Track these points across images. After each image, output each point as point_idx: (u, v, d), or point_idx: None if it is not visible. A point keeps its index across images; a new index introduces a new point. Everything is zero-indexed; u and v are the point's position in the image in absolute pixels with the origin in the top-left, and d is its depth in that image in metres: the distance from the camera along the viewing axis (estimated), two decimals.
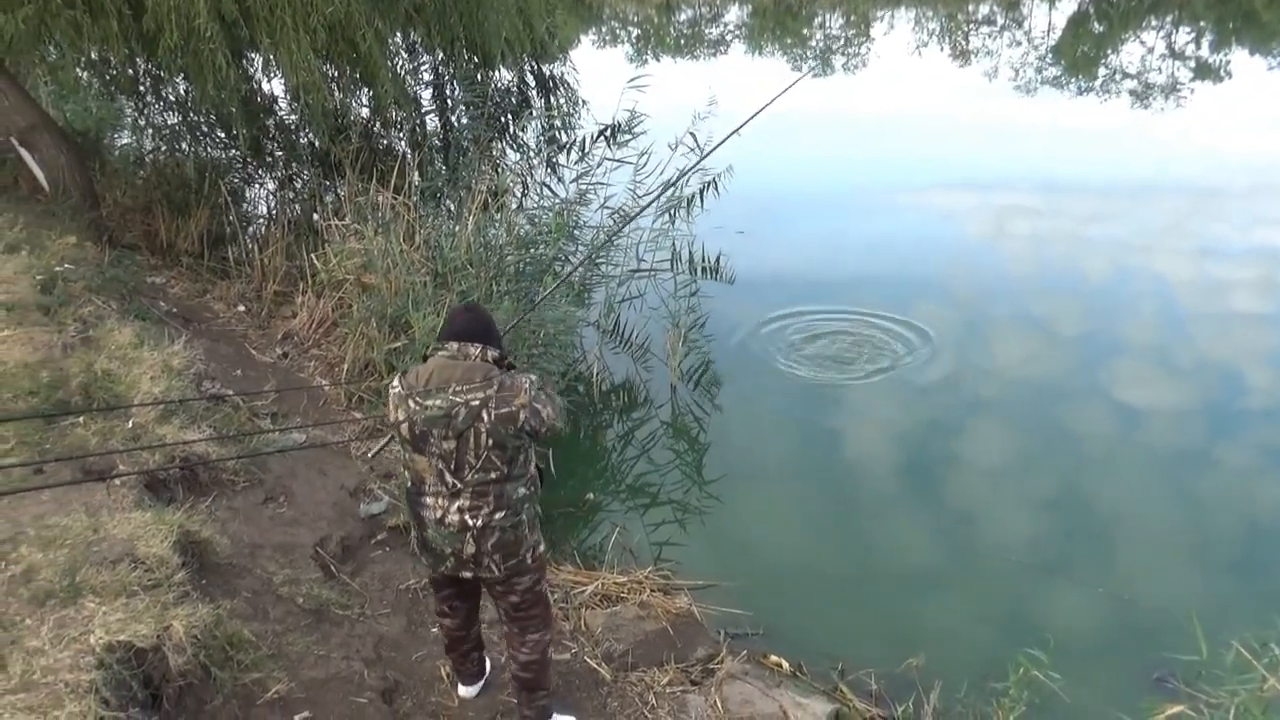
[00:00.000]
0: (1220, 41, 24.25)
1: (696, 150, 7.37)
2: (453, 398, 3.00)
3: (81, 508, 3.84)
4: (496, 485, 3.07)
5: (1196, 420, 6.66)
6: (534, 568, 3.30)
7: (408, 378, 3.11)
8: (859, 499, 6.02)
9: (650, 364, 7.59)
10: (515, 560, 3.19)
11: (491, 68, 8.66)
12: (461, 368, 3.04)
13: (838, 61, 25.89)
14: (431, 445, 3.04)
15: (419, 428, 3.04)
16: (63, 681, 2.80)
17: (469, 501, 3.07)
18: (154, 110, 9.19)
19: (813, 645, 4.60)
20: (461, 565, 3.17)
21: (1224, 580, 5.11)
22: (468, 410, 2.99)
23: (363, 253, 6.74)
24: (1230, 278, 9.10)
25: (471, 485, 3.06)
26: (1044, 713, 3.74)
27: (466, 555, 3.13)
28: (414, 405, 3.03)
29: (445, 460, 3.05)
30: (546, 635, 3.46)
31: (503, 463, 3.06)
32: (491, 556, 3.14)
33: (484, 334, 3.13)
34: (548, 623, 3.48)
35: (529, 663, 3.43)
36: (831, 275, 9.33)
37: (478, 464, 3.04)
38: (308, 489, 5.11)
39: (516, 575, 3.25)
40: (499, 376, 3.05)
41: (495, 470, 3.05)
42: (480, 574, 3.20)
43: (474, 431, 3.00)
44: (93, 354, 5.17)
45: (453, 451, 3.03)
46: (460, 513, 3.08)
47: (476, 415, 2.99)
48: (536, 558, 3.29)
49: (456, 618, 3.55)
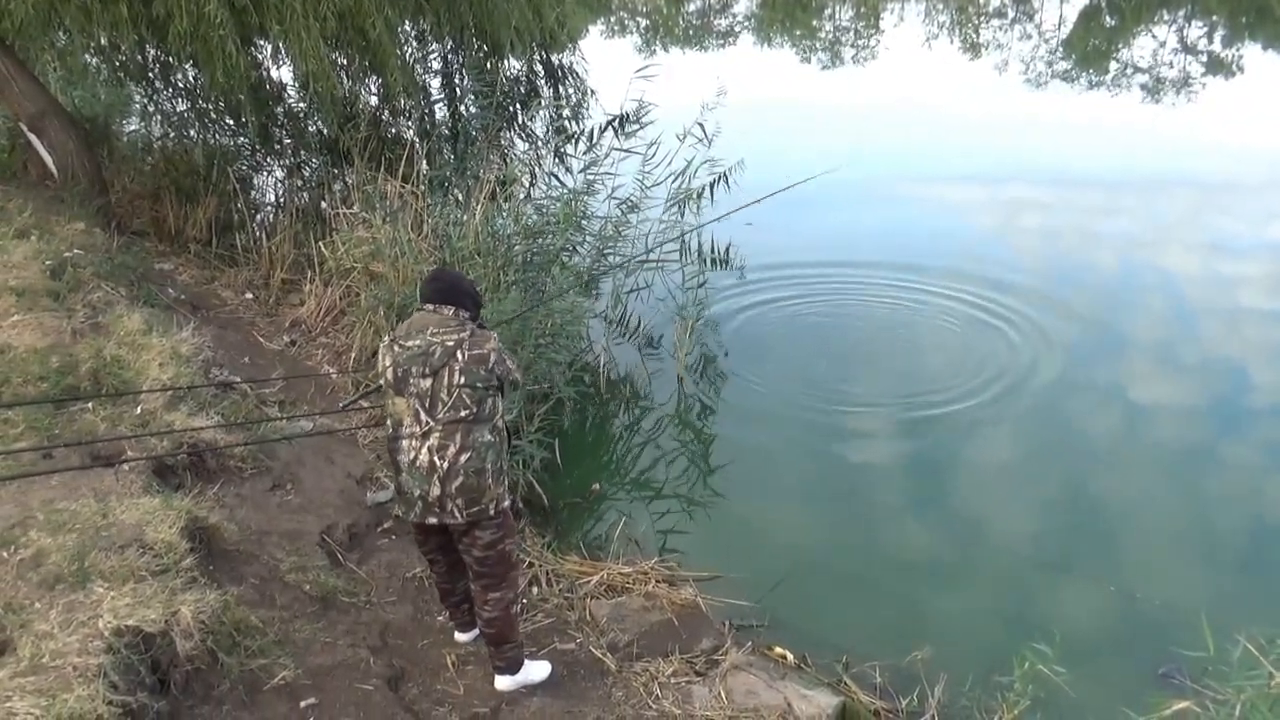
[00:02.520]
0: (1233, 35, 24.07)
1: (704, 141, 7.36)
2: (430, 338, 3.37)
3: (90, 493, 3.86)
4: (464, 425, 3.32)
5: (1204, 416, 6.63)
6: (497, 522, 3.47)
7: (394, 331, 3.52)
8: (865, 492, 6.01)
9: (658, 355, 7.59)
10: (477, 508, 3.37)
11: (501, 57, 8.63)
12: (438, 317, 3.43)
13: (847, 54, 25.77)
14: (411, 385, 3.34)
15: (401, 369, 3.36)
16: (71, 665, 2.82)
17: (438, 440, 3.31)
18: (163, 97, 9.19)
19: (818, 637, 4.60)
20: (428, 509, 3.37)
21: (1231, 576, 5.09)
22: (443, 349, 3.34)
23: (371, 241, 6.75)
24: (1240, 273, 9.05)
25: (443, 423, 3.31)
26: (1049, 707, 3.74)
27: (432, 498, 3.33)
28: (397, 349, 3.39)
29: (421, 399, 3.33)
30: (509, 594, 3.63)
31: (472, 402, 3.34)
32: (455, 500, 3.33)
33: (452, 296, 3.50)
34: (511, 583, 3.64)
35: (492, 619, 3.63)
36: (840, 268, 9.29)
37: (450, 401, 3.32)
38: (315, 477, 5.12)
39: (479, 526, 3.43)
40: (471, 325, 3.46)
41: (465, 409, 3.33)
42: (445, 519, 3.38)
43: (449, 370, 3.33)
44: (102, 340, 5.18)
45: (428, 390, 3.33)
46: (430, 452, 3.31)
47: (451, 354, 3.34)
48: (500, 512, 3.45)
49: (438, 570, 3.79)
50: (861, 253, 9.64)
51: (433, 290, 3.51)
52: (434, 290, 3.51)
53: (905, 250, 9.65)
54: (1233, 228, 10.47)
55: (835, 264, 9.36)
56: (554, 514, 5.67)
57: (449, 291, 3.52)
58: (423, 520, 3.42)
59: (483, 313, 3.81)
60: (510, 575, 3.64)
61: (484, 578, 3.56)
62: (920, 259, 9.41)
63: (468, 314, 3.50)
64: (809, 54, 26.31)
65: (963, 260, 9.40)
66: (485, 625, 3.67)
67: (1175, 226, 10.54)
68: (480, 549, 3.48)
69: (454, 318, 3.43)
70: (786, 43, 28.53)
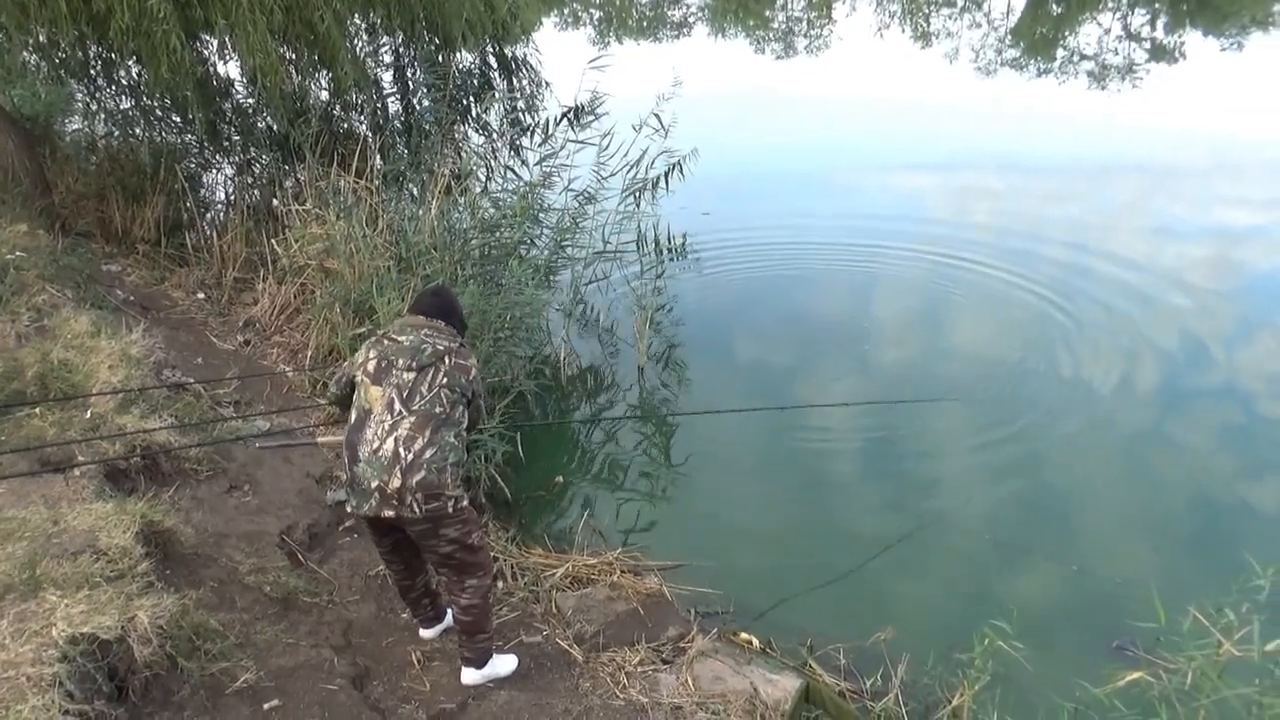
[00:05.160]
0: (1174, 23, 24.57)
1: (660, 131, 7.36)
2: (423, 336, 3.47)
3: (40, 499, 3.78)
4: (435, 421, 3.35)
5: (1153, 399, 6.77)
6: (458, 519, 3.44)
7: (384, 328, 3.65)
8: (826, 478, 6.07)
9: (617, 346, 7.59)
10: (436, 504, 3.33)
11: (453, 50, 8.54)
12: (432, 324, 3.55)
13: (800, 44, 25.90)
14: (393, 376, 3.38)
15: (385, 360, 3.42)
16: (24, 675, 2.76)
17: (407, 432, 3.30)
18: (106, 95, 8.95)
19: (782, 622, 4.65)
20: (384, 502, 3.30)
21: (1180, 552, 5.23)
22: (434, 349, 3.44)
23: (325, 238, 6.65)
24: (1185, 256, 9.25)
25: (417, 413, 3.33)
26: (1008, 682, 3.82)
27: (391, 489, 3.27)
28: (386, 342, 3.47)
29: (399, 390, 3.36)
30: (485, 580, 3.63)
31: (448, 403, 3.40)
32: (415, 494, 3.28)
33: (447, 314, 3.65)
34: (485, 568, 3.64)
35: (469, 606, 3.61)
36: (797, 256, 9.36)
37: (429, 395, 3.37)
38: (273, 477, 5.06)
39: (438, 523, 3.39)
40: (460, 341, 3.60)
41: (440, 406, 3.37)
42: (402, 513, 3.31)
43: (435, 369, 3.41)
44: (48, 343, 5.06)
45: (409, 382, 3.38)
46: (396, 442, 3.29)
47: (441, 356, 3.44)
48: (459, 509, 3.42)
49: (395, 568, 3.77)
50: (817, 240, 9.72)
51: (432, 304, 3.67)
52: (433, 304, 3.67)
53: (860, 235, 9.75)
54: (1177, 212, 10.70)
55: (792, 252, 9.43)
56: (517, 507, 5.66)
57: (446, 310, 3.68)
58: (378, 514, 3.33)
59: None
60: (484, 561, 3.64)
61: (456, 566, 3.55)
62: (877, 243, 9.53)
63: (454, 332, 3.63)
64: (762, 44, 26.40)
65: (917, 244, 9.52)
66: (461, 613, 3.64)
67: (1121, 211, 10.75)
68: (446, 544, 3.45)
69: (447, 328, 3.58)
70: (740, 33, 28.59)
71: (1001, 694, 3.75)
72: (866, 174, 12.44)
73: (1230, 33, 22.63)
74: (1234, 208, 10.75)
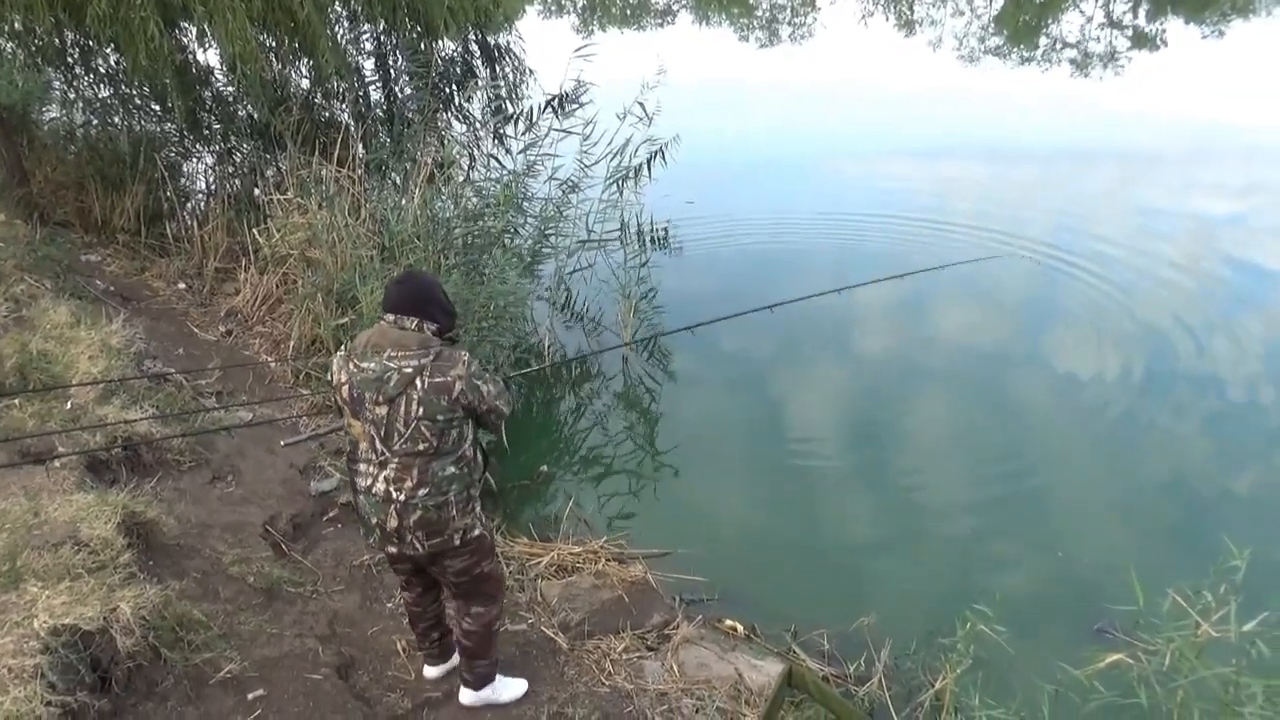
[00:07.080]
0: (1156, 10, 24.67)
1: (644, 119, 7.34)
2: (386, 362, 2.94)
3: (20, 491, 3.76)
4: (423, 459, 2.98)
5: (1134, 386, 6.82)
6: (466, 551, 3.19)
7: (352, 342, 3.07)
8: (809, 465, 6.09)
9: (602, 335, 7.58)
10: (439, 540, 3.09)
11: (435, 37, 8.48)
12: (398, 334, 2.98)
13: (784, 31, 25.88)
14: (366, 411, 2.97)
15: (355, 390, 2.97)
16: (6, 667, 2.75)
17: (394, 473, 2.99)
18: (84, 83, 8.84)
19: (766, 608, 4.67)
20: (386, 539, 3.11)
21: (1159, 535, 5.28)
22: (400, 376, 2.93)
23: (307, 227, 6.61)
24: (1166, 242, 9.31)
25: (399, 455, 2.98)
26: (990, 665, 3.85)
27: (390, 528, 3.05)
28: (353, 368, 2.98)
29: (377, 427, 2.97)
30: (492, 610, 3.43)
31: (432, 435, 2.97)
32: (415, 533, 3.05)
33: (419, 306, 3.03)
34: (493, 599, 3.43)
35: (470, 632, 3.45)
36: (779, 243, 9.38)
37: (406, 433, 2.95)
38: (256, 467, 5.04)
39: (445, 557, 3.17)
40: (437, 347, 3.00)
41: (424, 442, 2.97)
42: (404, 550, 3.11)
43: (405, 399, 2.93)
44: (27, 334, 5.02)
45: (383, 418, 2.95)
46: (386, 483, 3.01)
47: (409, 382, 2.93)
48: (468, 541, 3.16)
49: (412, 592, 3.52)
50: (799, 227, 9.74)
51: (397, 296, 3.03)
52: (399, 296, 3.03)
53: (842, 224, 9.77)
54: (1157, 198, 10.76)
55: (775, 239, 9.45)
56: (502, 497, 5.66)
57: (415, 300, 3.02)
58: (382, 549, 3.21)
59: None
60: (494, 591, 3.43)
61: (464, 594, 3.37)
62: (858, 231, 9.55)
63: (436, 327, 3.04)
64: (746, 32, 26.35)
65: (901, 230, 9.55)
66: (463, 636, 3.48)
67: (1102, 198, 10.81)
68: (454, 575, 3.26)
69: (417, 334, 2.97)
70: (724, 21, 28.53)
71: (984, 677, 3.77)
72: (849, 161, 12.46)
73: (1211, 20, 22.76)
74: (1212, 194, 10.83)
